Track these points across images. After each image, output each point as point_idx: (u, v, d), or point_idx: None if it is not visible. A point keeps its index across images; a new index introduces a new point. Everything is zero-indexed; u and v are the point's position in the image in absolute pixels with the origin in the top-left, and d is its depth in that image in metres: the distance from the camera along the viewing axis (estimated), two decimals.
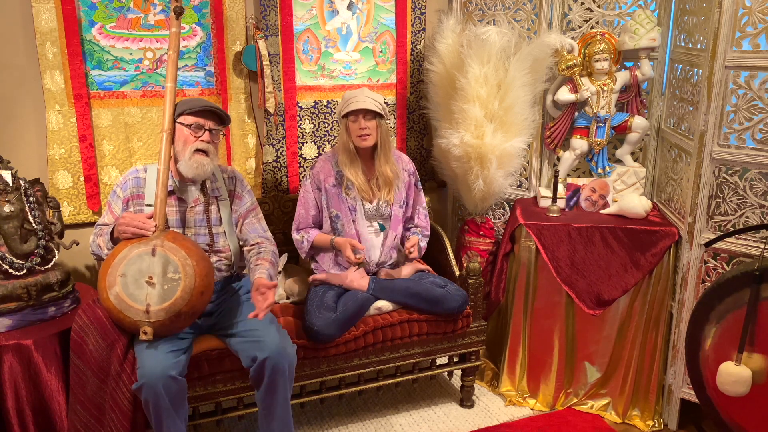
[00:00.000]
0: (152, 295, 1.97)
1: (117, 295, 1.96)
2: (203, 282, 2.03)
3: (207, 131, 2.19)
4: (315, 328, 2.33)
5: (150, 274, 1.98)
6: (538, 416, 2.75)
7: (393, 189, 2.64)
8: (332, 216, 2.62)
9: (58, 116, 2.57)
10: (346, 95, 2.56)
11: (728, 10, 2.22)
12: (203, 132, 2.18)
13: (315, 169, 2.65)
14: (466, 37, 2.74)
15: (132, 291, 1.97)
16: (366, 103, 2.48)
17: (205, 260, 2.08)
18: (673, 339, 2.61)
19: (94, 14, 2.57)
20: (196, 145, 2.17)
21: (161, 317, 1.96)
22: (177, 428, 2.02)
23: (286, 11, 2.87)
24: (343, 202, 2.59)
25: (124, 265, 1.98)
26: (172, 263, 2.00)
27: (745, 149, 2.31)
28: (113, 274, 1.98)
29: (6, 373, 2.07)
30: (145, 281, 1.97)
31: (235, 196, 2.37)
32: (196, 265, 2.02)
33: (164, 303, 1.96)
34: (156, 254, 2.00)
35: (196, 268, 2.01)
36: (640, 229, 2.58)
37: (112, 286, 1.97)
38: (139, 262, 1.99)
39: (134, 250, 2.00)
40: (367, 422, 2.68)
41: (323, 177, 2.62)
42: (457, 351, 2.68)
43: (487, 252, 3.03)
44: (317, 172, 2.64)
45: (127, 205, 2.23)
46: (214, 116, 2.22)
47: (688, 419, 2.66)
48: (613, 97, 2.79)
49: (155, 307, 1.96)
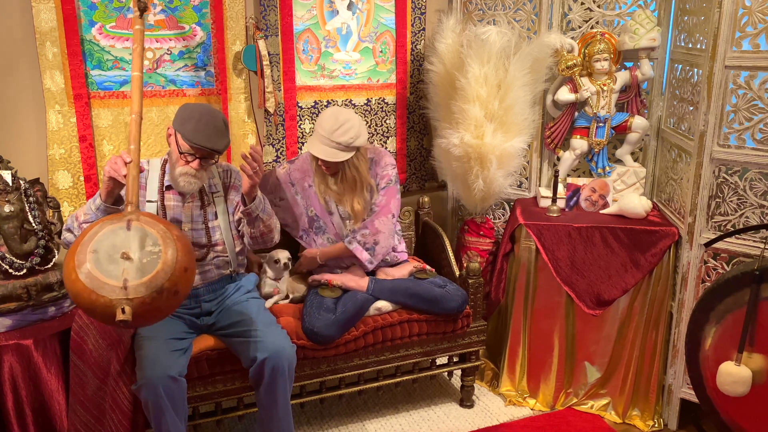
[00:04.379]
0: (130, 269, 1.70)
1: (88, 273, 1.67)
2: (186, 258, 1.79)
3: (198, 159, 2.16)
4: (315, 329, 2.33)
5: (125, 249, 1.73)
6: (538, 416, 2.75)
7: (360, 221, 2.57)
8: (310, 214, 2.63)
9: (58, 116, 2.57)
10: (318, 122, 2.45)
11: (728, 10, 2.22)
12: (195, 160, 2.16)
13: (294, 165, 2.67)
14: (466, 37, 2.74)
15: (106, 267, 1.69)
16: (323, 153, 2.41)
17: (184, 239, 1.87)
18: (673, 339, 2.61)
19: (94, 14, 2.57)
20: (185, 170, 2.16)
21: (141, 293, 1.68)
22: (177, 428, 2.02)
23: (286, 11, 2.87)
24: (321, 204, 2.61)
25: (95, 242, 1.72)
26: (150, 236, 1.77)
27: (745, 149, 2.30)
28: (82, 252, 1.70)
29: (6, 373, 2.07)
30: (120, 256, 1.72)
31: (231, 187, 2.37)
32: (177, 240, 1.79)
33: (144, 277, 1.70)
34: (132, 228, 1.77)
35: (177, 243, 1.78)
36: (640, 229, 2.58)
37: (82, 263, 1.68)
38: (113, 237, 1.75)
39: (106, 225, 1.77)
40: (367, 422, 2.68)
41: (300, 176, 2.64)
42: (457, 351, 2.68)
43: (487, 252, 3.03)
44: (295, 169, 2.65)
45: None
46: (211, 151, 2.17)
47: (688, 419, 2.66)
48: (613, 97, 2.79)
49: (134, 281, 1.68)
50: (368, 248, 2.53)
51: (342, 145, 2.40)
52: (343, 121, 2.41)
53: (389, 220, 2.57)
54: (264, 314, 2.31)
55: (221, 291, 2.35)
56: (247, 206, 2.20)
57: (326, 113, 2.47)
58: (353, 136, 2.41)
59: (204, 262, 2.28)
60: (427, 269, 2.73)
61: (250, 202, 2.20)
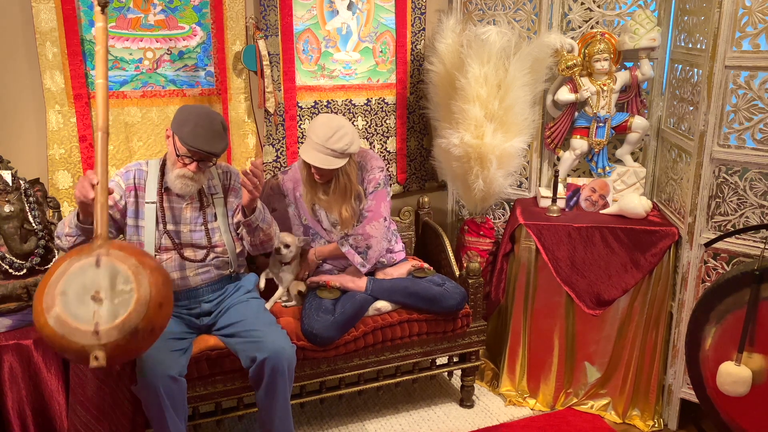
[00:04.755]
0: (101, 312, 1.61)
1: (58, 318, 1.59)
2: (160, 292, 1.70)
3: (195, 162, 2.16)
4: (314, 331, 2.33)
5: (95, 289, 1.64)
6: (538, 416, 2.75)
7: (348, 227, 2.57)
8: (305, 223, 2.64)
9: (58, 116, 2.57)
10: (310, 129, 2.44)
11: (728, 10, 2.22)
12: (192, 163, 2.16)
13: (287, 176, 2.67)
14: (466, 37, 2.74)
15: (75, 311, 1.61)
16: (317, 160, 2.40)
17: (160, 270, 1.76)
18: (673, 339, 2.61)
19: (94, 14, 2.57)
20: (183, 172, 2.16)
21: (114, 337, 1.60)
22: (177, 428, 2.02)
23: (286, 11, 2.87)
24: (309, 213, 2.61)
25: (63, 282, 1.64)
26: (121, 273, 1.67)
27: (745, 149, 2.31)
28: (50, 293, 1.62)
29: (6, 373, 2.07)
30: (90, 297, 1.63)
31: (230, 189, 2.36)
32: (150, 274, 1.69)
33: (116, 320, 1.61)
34: (101, 264, 1.67)
35: (150, 277, 1.69)
36: (640, 229, 2.58)
37: (51, 308, 1.61)
38: (82, 276, 1.65)
39: (74, 263, 1.67)
40: (367, 422, 2.68)
41: (292, 185, 2.64)
42: (457, 351, 2.68)
43: (487, 252, 3.03)
44: (288, 179, 2.66)
45: (129, 194, 2.22)
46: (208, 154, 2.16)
47: (688, 419, 2.66)
48: (613, 97, 2.79)
49: (105, 326, 1.60)
50: (360, 252, 2.53)
51: (337, 152, 2.39)
52: (337, 128, 2.40)
53: (381, 224, 2.56)
54: (264, 314, 2.31)
55: (221, 291, 2.34)
56: (248, 218, 2.21)
57: (318, 120, 2.45)
58: (348, 142, 2.40)
59: (204, 263, 2.28)
60: (426, 268, 2.73)
61: (250, 213, 2.21)
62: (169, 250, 2.24)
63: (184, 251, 2.26)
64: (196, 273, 2.27)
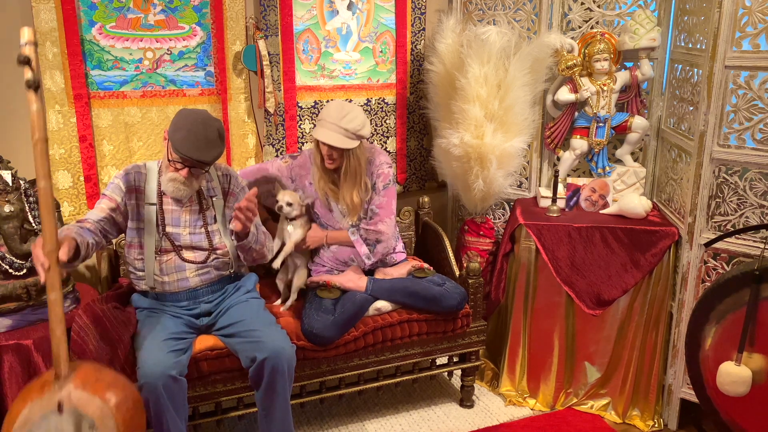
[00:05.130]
0: None
1: None
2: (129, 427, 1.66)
3: (187, 168, 2.15)
4: (314, 331, 2.33)
5: None
6: (538, 416, 2.75)
7: (357, 214, 2.61)
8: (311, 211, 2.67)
9: (58, 116, 2.57)
10: (323, 112, 2.49)
11: (728, 10, 2.22)
12: (183, 168, 2.15)
13: (296, 161, 2.69)
14: (466, 37, 2.74)
15: None
16: (331, 139, 2.43)
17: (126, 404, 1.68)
18: (673, 339, 2.61)
19: (94, 14, 2.57)
20: (174, 176, 2.16)
21: None
22: (177, 428, 2.02)
23: (286, 11, 2.87)
24: (321, 200, 2.63)
25: None
26: (86, 419, 1.60)
27: (745, 149, 2.31)
28: None
29: (6, 373, 2.07)
30: None
31: (229, 194, 2.36)
32: (116, 411, 1.63)
33: None
34: (64, 411, 1.60)
35: (116, 416, 1.62)
36: (640, 229, 2.58)
37: None
38: (45, 425, 1.58)
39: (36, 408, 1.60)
40: (367, 422, 2.68)
41: (302, 172, 2.66)
42: (457, 351, 2.68)
43: (487, 252, 3.03)
44: (297, 165, 2.68)
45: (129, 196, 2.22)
46: None
47: (688, 419, 2.66)
48: (613, 97, 2.79)
49: None
50: (369, 244, 2.59)
51: (350, 131, 2.44)
52: (349, 110, 2.47)
53: (392, 221, 2.62)
54: (264, 314, 2.31)
55: (221, 292, 2.34)
56: (241, 242, 2.24)
57: (331, 105, 2.52)
58: (359, 124, 2.46)
59: (204, 264, 2.28)
60: (426, 268, 2.73)
61: (243, 238, 2.23)
62: (168, 252, 2.24)
63: (184, 253, 2.25)
64: (195, 274, 2.27)
